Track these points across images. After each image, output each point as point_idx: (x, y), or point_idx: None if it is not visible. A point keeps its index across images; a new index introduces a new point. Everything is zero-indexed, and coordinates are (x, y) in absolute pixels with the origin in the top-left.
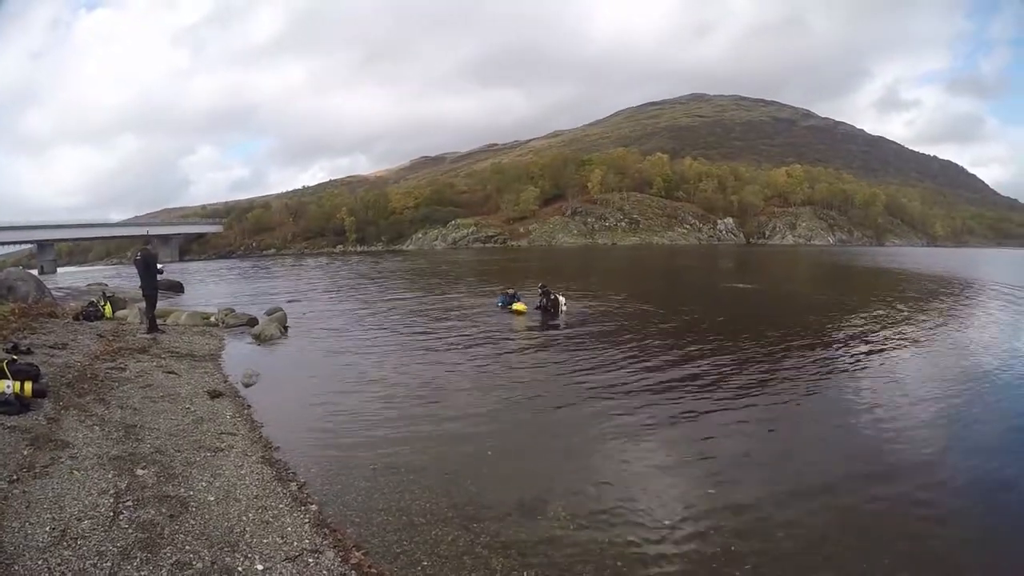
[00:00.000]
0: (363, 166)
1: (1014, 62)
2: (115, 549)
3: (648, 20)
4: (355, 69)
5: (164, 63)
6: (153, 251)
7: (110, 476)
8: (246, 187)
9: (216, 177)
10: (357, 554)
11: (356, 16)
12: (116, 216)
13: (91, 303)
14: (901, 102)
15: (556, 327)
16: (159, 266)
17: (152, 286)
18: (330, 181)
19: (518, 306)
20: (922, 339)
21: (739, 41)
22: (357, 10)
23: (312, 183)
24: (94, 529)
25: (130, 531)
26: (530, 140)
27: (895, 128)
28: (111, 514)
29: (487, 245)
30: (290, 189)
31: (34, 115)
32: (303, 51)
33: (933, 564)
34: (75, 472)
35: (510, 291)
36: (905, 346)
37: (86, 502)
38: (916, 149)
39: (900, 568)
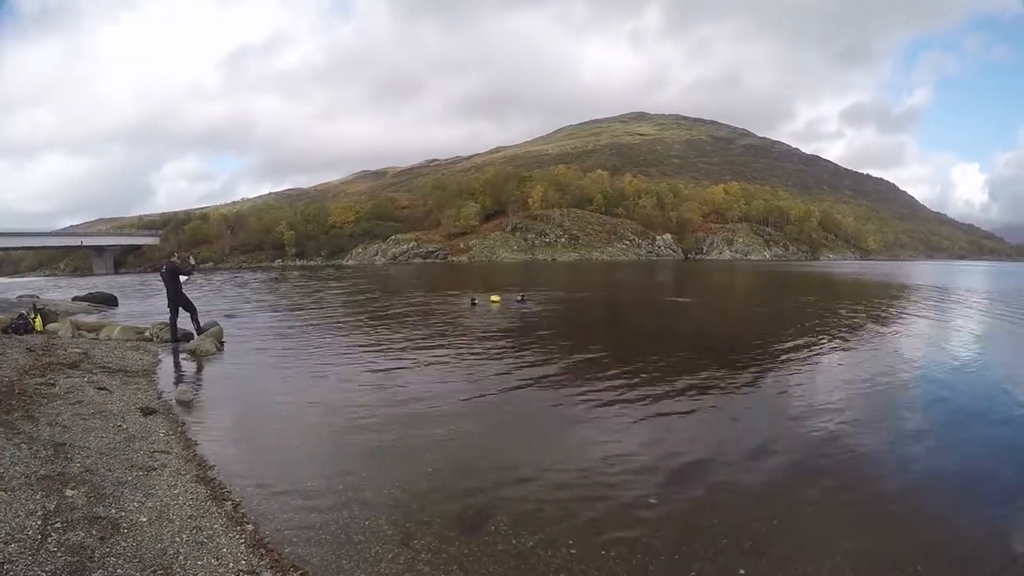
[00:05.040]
0: None
1: (933, 99)
2: (43, 574)
3: (613, 74)
4: (364, 101)
5: (185, 79)
6: (179, 263)
7: (38, 497)
8: (214, 199)
9: (188, 188)
10: (295, 575)
11: (383, 56)
12: (67, 223)
13: (20, 315)
14: (822, 135)
15: (498, 336)
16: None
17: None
18: (270, 193)
19: (494, 298)
20: (858, 340)
21: (684, 91)
22: (386, 51)
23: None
24: (21, 553)
25: (59, 555)
26: (472, 156)
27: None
28: (39, 537)
29: (427, 260)
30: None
31: (40, 116)
32: (326, 82)
33: (878, 561)
34: (1, 492)
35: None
36: (843, 347)
37: (13, 524)
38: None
39: (846, 569)
